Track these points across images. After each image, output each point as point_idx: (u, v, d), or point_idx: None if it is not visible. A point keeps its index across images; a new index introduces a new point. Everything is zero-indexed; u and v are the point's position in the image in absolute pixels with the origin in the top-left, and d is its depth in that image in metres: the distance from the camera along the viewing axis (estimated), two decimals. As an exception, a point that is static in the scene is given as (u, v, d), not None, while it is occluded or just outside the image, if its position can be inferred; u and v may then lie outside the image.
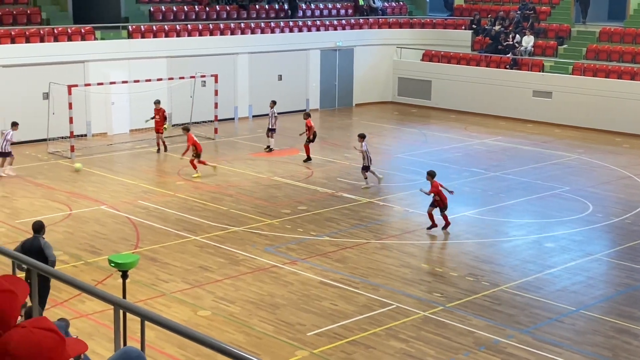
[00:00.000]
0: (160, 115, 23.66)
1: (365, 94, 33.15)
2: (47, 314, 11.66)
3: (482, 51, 32.41)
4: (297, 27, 31.84)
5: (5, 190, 19.30)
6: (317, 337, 11.72)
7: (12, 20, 25.92)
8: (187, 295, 13.17)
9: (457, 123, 29.45)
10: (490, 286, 13.87)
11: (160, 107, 23.83)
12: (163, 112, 23.82)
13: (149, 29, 27.80)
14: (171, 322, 3.82)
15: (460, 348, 11.44)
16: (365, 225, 17.20)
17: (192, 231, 16.45)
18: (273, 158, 23.32)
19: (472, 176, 21.60)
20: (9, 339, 2.44)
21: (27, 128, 24.22)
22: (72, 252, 15.11)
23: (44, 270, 4.49)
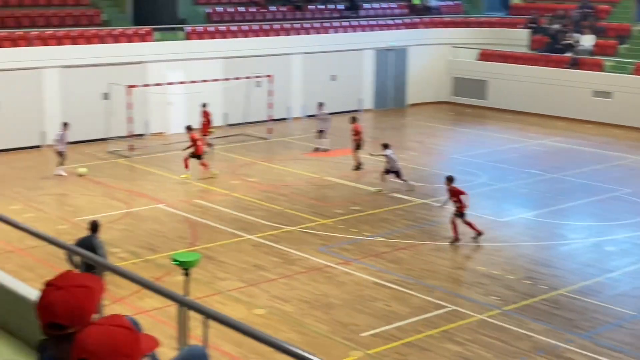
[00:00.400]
0: (207, 118, 23.74)
1: (419, 94, 32.95)
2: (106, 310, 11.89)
3: (540, 50, 31.91)
4: (351, 28, 31.82)
5: (66, 188, 19.73)
6: (372, 338, 11.69)
7: (73, 21, 26.51)
8: (243, 294, 13.28)
9: (514, 123, 29.06)
10: (548, 290, 13.65)
11: (207, 109, 23.86)
12: (208, 116, 23.79)
13: (206, 30, 28.12)
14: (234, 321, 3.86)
15: (517, 352, 11.28)
16: (420, 226, 17.10)
17: (247, 230, 16.58)
18: (326, 158, 23.34)
19: (530, 178, 21.28)
20: (86, 336, 2.49)
21: (87, 128, 24.78)
22: (131, 249, 15.36)
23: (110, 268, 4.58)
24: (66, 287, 2.74)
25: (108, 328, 2.50)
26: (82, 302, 2.73)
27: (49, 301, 2.73)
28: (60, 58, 24.56)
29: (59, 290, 2.74)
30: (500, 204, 19.02)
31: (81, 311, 2.73)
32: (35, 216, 17.41)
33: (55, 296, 2.72)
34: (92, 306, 2.77)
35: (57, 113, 24.58)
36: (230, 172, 21.66)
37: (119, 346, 2.48)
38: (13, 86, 23.76)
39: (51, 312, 2.72)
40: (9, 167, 21.85)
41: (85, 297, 2.74)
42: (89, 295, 2.76)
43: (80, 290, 2.74)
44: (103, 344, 2.46)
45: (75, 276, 2.80)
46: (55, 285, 2.75)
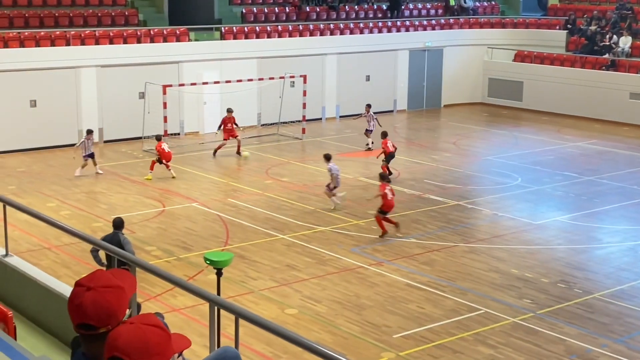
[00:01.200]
0: (231, 123, 23.48)
1: (454, 94, 32.77)
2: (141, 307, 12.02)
3: (577, 52, 31.55)
4: (385, 28, 31.76)
5: (102, 186, 19.97)
6: (404, 339, 11.66)
7: (110, 21, 26.83)
8: (275, 293, 13.32)
9: (549, 125, 28.76)
10: (582, 294, 13.49)
11: (231, 115, 23.52)
12: (234, 120, 23.45)
13: (241, 30, 28.26)
14: (265, 321, 3.88)
15: (551, 356, 11.17)
16: (453, 228, 17.01)
17: (280, 230, 16.63)
18: (360, 159, 23.32)
19: (565, 180, 21.06)
20: (118, 335, 2.52)
21: (124, 126, 25.08)
22: (165, 247, 15.51)
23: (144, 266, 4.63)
24: (96, 287, 2.76)
25: (140, 327, 2.53)
26: (112, 303, 2.76)
27: (79, 302, 2.75)
28: (98, 57, 24.87)
29: (89, 291, 2.75)
30: (535, 206, 18.85)
31: (111, 312, 2.75)
32: (71, 213, 17.66)
33: (86, 297, 2.74)
34: (122, 306, 2.79)
35: (94, 112, 24.92)
36: (264, 172, 21.75)
37: (151, 345, 2.50)
38: (51, 85, 24.13)
39: (82, 313, 2.74)
40: (46, 164, 22.18)
41: (115, 297, 2.76)
42: (119, 295, 2.78)
43: (110, 291, 2.76)
44: (135, 342, 2.49)
45: (105, 276, 2.82)
46: (86, 286, 2.77)
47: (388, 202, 16.29)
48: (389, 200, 16.29)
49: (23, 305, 6.42)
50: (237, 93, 25.47)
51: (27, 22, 25.42)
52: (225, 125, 23.40)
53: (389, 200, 16.29)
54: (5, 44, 23.85)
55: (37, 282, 6.26)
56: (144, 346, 2.49)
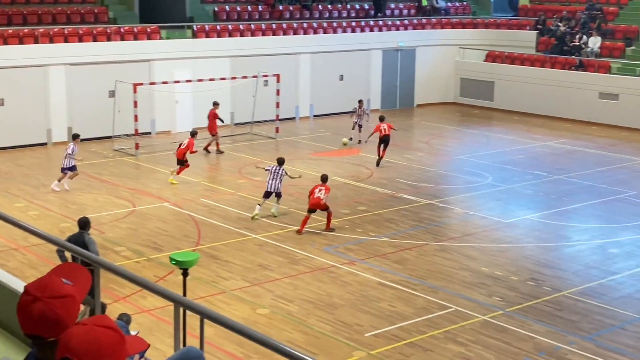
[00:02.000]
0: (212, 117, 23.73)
1: (426, 94, 32.92)
2: (108, 309, 11.91)
3: (547, 52, 31.84)
4: (359, 27, 31.81)
5: (71, 187, 19.76)
6: (375, 338, 11.69)
7: (80, 19, 26.58)
8: (247, 293, 13.29)
9: (520, 125, 29.00)
10: (551, 291, 13.62)
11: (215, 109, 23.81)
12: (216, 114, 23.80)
13: (213, 28, 28.14)
14: (229, 320, 3.86)
15: (520, 353, 11.26)
16: (425, 226, 17.08)
17: (252, 229, 16.59)
18: (333, 158, 23.33)
19: (535, 179, 21.25)
20: (70, 336, 2.48)
21: (94, 125, 24.84)
22: (135, 248, 15.39)
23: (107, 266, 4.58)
24: (43, 298, 2.66)
25: (92, 328, 2.49)
26: (61, 314, 2.67)
27: (27, 314, 2.67)
28: (67, 55, 24.62)
29: (36, 302, 2.66)
30: (505, 205, 18.99)
31: (60, 323, 2.66)
32: (39, 214, 17.47)
33: (33, 309, 2.66)
34: (72, 315, 2.70)
35: (63, 111, 24.67)
36: (236, 172, 21.68)
37: (103, 346, 2.47)
38: (19, 83, 23.84)
39: (30, 324, 2.67)
40: (14, 164, 21.92)
41: (64, 308, 2.67)
42: (69, 305, 2.69)
43: (58, 302, 2.67)
44: (87, 344, 2.45)
45: (54, 284, 2.71)
46: (33, 296, 2.68)
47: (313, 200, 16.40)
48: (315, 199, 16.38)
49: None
50: (210, 92, 25.36)
51: (-5, 20, 25.11)
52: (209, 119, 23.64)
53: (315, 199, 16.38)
54: (-27, 42, 23.54)
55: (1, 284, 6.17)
56: (96, 348, 2.45)
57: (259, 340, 3.58)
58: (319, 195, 16.41)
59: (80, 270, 2.95)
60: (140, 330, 10.93)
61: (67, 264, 3.06)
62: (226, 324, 3.79)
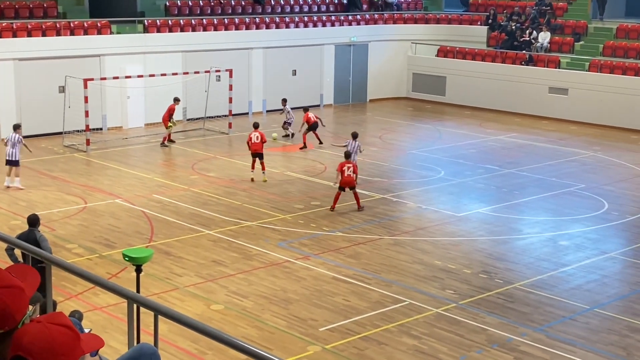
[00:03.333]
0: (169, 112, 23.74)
1: (379, 89, 33.09)
2: (61, 306, 11.74)
3: (497, 47, 32.26)
4: (311, 22, 31.82)
5: (21, 183, 19.38)
6: (330, 332, 11.73)
7: (28, 13, 26.06)
8: (201, 289, 13.21)
9: (471, 119, 29.35)
10: (503, 284, 13.83)
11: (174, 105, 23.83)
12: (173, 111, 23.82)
13: (165, 23, 27.86)
14: (183, 316, 3.84)
15: (472, 345, 11.41)
16: (379, 221, 17.18)
17: (206, 225, 16.50)
18: (287, 153, 23.32)
19: (487, 173, 21.53)
20: (23, 334, 2.44)
21: (43, 121, 24.42)
22: (87, 245, 15.19)
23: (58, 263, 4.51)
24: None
25: (46, 326, 2.46)
26: (9, 304, 2.63)
27: None
28: (15, 50, 24.13)
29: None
30: (457, 199, 19.21)
31: (8, 314, 2.63)
32: (-11, 211, 17.11)
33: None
34: (20, 307, 2.66)
35: (11, 106, 24.18)
36: (189, 167, 21.53)
37: (57, 344, 2.43)
38: (-34, 79, 23.30)
39: None
40: (-39, 161, 21.42)
41: (12, 298, 2.64)
42: (17, 296, 2.66)
43: (7, 291, 2.64)
44: (40, 342, 2.42)
45: (3, 275, 2.69)
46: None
47: (345, 179, 17.39)
48: (346, 177, 17.38)
49: None
50: (162, 87, 25.11)
51: (-61, 14, 24.47)
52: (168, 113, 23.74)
53: (347, 177, 17.38)
54: None
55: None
56: (49, 346, 2.42)
57: (213, 335, 3.57)
58: (349, 174, 17.36)
59: (28, 269, 2.91)
60: (93, 328, 10.79)
61: (14, 266, 3.01)
62: (180, 320, 3.77)
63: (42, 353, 2.40)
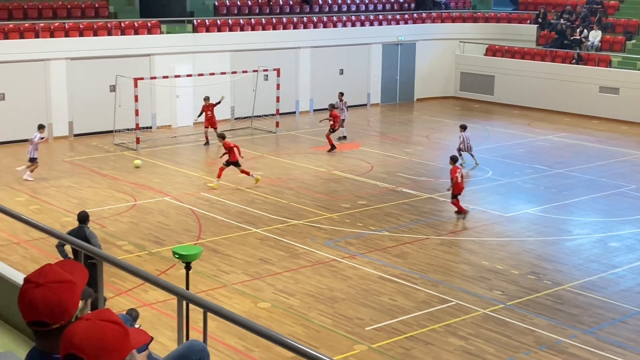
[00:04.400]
0: (212, 111, 23.72)
1: (426, 88, 32.91)
2: (111, 302, 11.96)
3: (547, 46, 31.83)
4: (359, 22, 31.79)
5: (72, 181, 19.80)
6: (376, 331, 11.72)
7: (80, 13, 26.56)
8: (248, 287, 13.32)
9: (520, 119, 29.01)
10: (552, 285, 13.65)
11: (209, 103, 23.75)
12: (213, 107, 23.76)
13: (214, 22, 28.12)
14: (232, 314, 3.89)
15: (520, 347, 11.30)
16: (425, 220, 17.11)
17: (253, 224, 16.62)
18: (334, 152, 23.33)
19: (535, 173, 21.26)
20: (74, 332, 2.49)
21: (94, 120, 24.87)
22: (136, 242, 15.42)
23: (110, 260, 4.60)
24: (45, 283, 2.71)
25: (96, 323, 2.50)
26: (63, 298, 2.71)
27: (29, 299, 2.71)
28: (68, 50, 24.62)
29: (39, 287, 2.71)
30: (505, 199, 19.01)
31: (63, 307, 2.71)
32: (41, 208, 17.50)
33: (36, 294, 2.70)
34: (74, 301, 2.74)
35: (64, 105, 24.68)
36: (237, 166, 21.66)
37: (107, 341, 2.48)
38: (20, 78, 23.84)
39: (33, 310, 2.70)
40: (15, 158, 21.91)
41: (66, 292, 2.72)
42: (70, 290, 2.74)
43: (60, 286, 2.72)
44: (91, 339, 2.47)
45: (54, 270, 2.77)
46: (35, 282, 2.72)
47: (459, 185, 17.16)
48: (459, 183, 17.14)
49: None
50: (210, 86, 25.35)
51: (-5, 15, 25.10)
52: (207, 114, 23.75)
53: (459, 183, 17.15)
54: (-27, 37, 23.54)
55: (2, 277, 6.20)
56: (100, 342, 2.46)
57: (263, 333, 3.61)
58: (461, 182, 17.26)
59: (76, 265, 2.98)
60: (142, 324, 10.97)
61: (63, 262, 3.09)
62: (230, 317, 3.82)
63: (94, 350, 2.45)
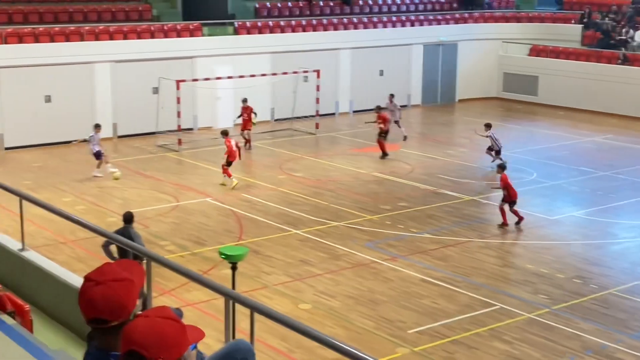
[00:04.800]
0: (248, 113, 23.54)
1: (468, 89, 32.63)
2: (155, 302, 12.04)
3: (592, 46, 31.33)
4: (400, 22, 31.65)
5: (116, 182, 20.01)
6: (418, 334, 11.62)
7: (124, 16, 26.88)
8: (289, 288, 13.32)
9: (565, 120, 28.59)
10: (598, 289, 13.41)
11: (247, 105, 23.60)
12: (251, 110, 23.51)
13: (254, 25, 28.25)
14: (280, 315, 3.86)
15: (566, 352, 11.11)
16: (468, 223, 16.94)
17: (294, 225, 16.62)
18: (374, 154, 23.24)
19: (581, 175, 20.93)
20: (134, 329, 2.52)
21: (137, 121, 25.14)
22: (179, 242, 15.53)
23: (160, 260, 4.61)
24: (105, 281, 2.76)
25: (155, 320, 2.53)
26: (122, 296, 2.76)
27: (89, 297, 2.76)
28: (112, 53, 24.92)
29: (98, 285, 2.76)
30: (550, 201, 18.74)
31: (122, 304, 2.76)
32: (86, 208, 17.72)
33: (95, 292, 2.75)
34: (132, 298, 2.80)
35: (108, 107, 24.99)
36: (277, 167, 21.73)
37: (167, 337, 2.50)
38: (65, 80, 24.20)
39: (93, 308, 2.75)
40: (61, 160, 22.27)
41: (124, 290, 2.77)
42: (129, 288, 2.79)
43: (119, 284, 2.77)
44: (151, 336, 2.49)
45: (113, 269, 2.82)
46: (95, 281, 2.77)
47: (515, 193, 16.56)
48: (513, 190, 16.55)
49: (40, 299, 6.43)
50: (251, 88, 25.45)
51: (41, 18, 25.52)
52: (242, 116, 23.64)
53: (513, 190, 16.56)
54: (20, 40, 23.95)
55: (53, 276, 6.27)
56: (160, 339, 2.49)
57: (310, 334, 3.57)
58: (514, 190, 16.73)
59: (134, 265, 3.02)
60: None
61: (121, 261, 3.12)
62: (277, 318, 3.79)
63: (154, 346, 2.47)
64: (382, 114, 22.82)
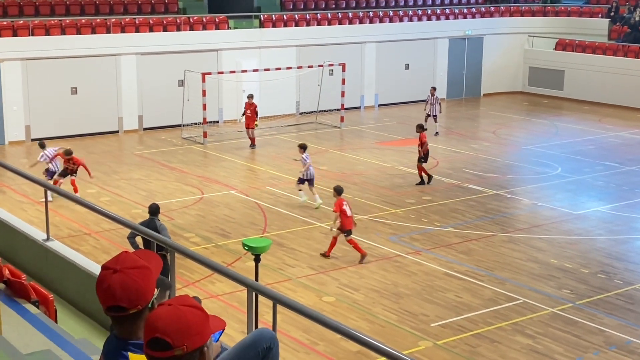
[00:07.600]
0: (252, 110, 22.98)
1: (494, 83, 32.44)
2: (178, 293, 12.15)
3: (619, 40, 31.00)
4: (425, 16, 31.53)
5: (141, 173, 20.19)
6: (441, 328, 11.63)
7: (150, 9, 27.04)
8: (312, 281, 13.37)
9: (590, 115, 28.35)
10: (623, 284, 13.32)
11: (252, 102, 23.01)
12: (255, 108, 22.98)
13: (280, 18, 28.28)
14: (303, 307, 3.90)
15: (589, 347, 11.06)
16: (492, 217, 16.88)
17: (318, 218, 16.66)
18: (399, 147, 23.22)
19: (606, 170, 20.76)
20: (157, 316, 2.56)
21: (163, 114, 25.30)
22: (203, 234, 15.64)
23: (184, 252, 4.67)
24: (122, 269, 2.79)
25: (178, 307, 2.57)
26: (140, 283, 2.79)
27: (107, 285, 2.79)
28: (138, 45, 25.09)
29: (116, 273, 2.79)
30: (575, 196, 18.61)
31: (140, 292, 2.79)
32: (111, 200, 17.90)
33: (113, 280, 2.78)
34: (150, 286, 2.83)
35: (133, 99, 25.18)
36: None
37: (190, 325, 2.54)
38: (91, 72, 24.41)
39: (111, 295, 2.78)
40: (87, 151, 22.47)
41: (142, 277, 2.80)
42: (146, 276, 2.82)
43: (137, 272, 2.80)
44: (175, 323, 2.53)
45: (130, 257, 2.86)
46: (112, 269, 2.81)
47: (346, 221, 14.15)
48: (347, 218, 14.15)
49: (64, 289, 6.53)
50: (276, 81, 25.50)
51: (68, 10, 25.75)
52: (245, 112, 23.05)
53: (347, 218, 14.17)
54: (46, 32, 24.18)
55: (77, 267, 6.37)
56: (184, 326, 2.53)
57: (333, 326, 3.61)
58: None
59: (151, 254, 3.06)
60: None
61: (139, 251, 3.17)
62: (300, 310, 3.84)
63: (178, 333, 2.51)
64: (422, 135, 19.22)
